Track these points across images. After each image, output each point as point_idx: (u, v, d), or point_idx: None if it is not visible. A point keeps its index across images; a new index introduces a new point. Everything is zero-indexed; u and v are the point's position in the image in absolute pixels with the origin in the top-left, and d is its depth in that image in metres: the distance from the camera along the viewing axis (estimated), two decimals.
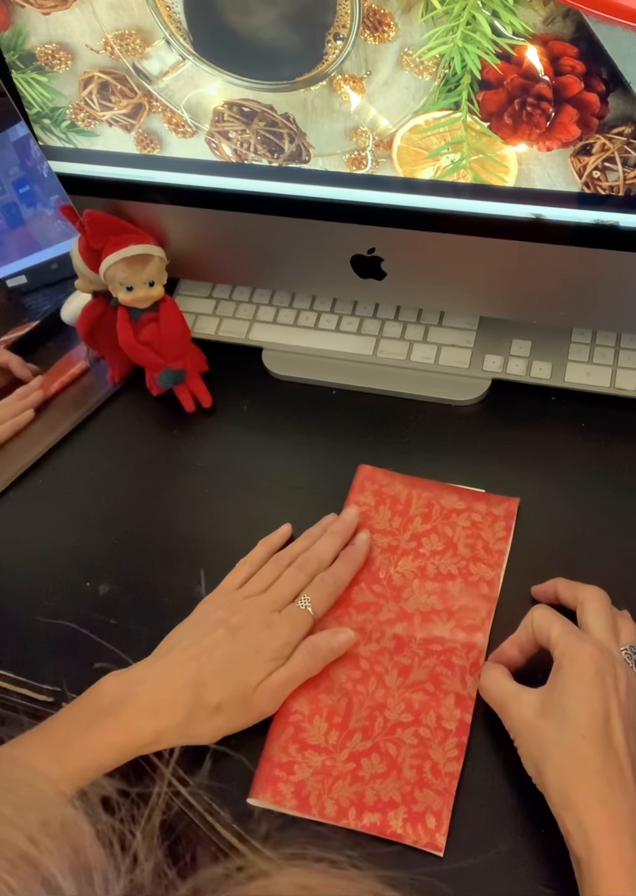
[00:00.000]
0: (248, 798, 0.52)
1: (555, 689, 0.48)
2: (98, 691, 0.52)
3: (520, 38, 0.50)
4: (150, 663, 0.54)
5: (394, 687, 0.55)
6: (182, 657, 0.53)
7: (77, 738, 0.50)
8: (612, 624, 0.52)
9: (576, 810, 0.44)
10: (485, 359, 0.71)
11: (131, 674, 0.53)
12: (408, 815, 0.50)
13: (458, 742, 0.52)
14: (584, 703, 0.47)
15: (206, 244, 0.72)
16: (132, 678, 0.52)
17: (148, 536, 0.66)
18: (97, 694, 0.52)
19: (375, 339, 0.74)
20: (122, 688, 0.52)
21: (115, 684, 0.52)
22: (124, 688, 0.52)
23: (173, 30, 0.57)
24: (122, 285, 0.67)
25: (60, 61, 0.61)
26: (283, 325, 0.76)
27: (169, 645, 0.55)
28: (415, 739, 0.53)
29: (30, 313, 0.83)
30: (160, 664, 0.53)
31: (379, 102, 0.56)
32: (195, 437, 0.72)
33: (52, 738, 0.51)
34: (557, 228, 0.59)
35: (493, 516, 0.62)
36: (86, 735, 0.50)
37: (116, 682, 0.52)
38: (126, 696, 0.51)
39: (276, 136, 0.61)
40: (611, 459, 0.65)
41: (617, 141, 0.53)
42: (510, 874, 0.48)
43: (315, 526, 0.62)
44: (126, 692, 0.51)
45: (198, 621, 0.56)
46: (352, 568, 0.59)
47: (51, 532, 0.68)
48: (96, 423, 0.74)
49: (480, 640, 0.56)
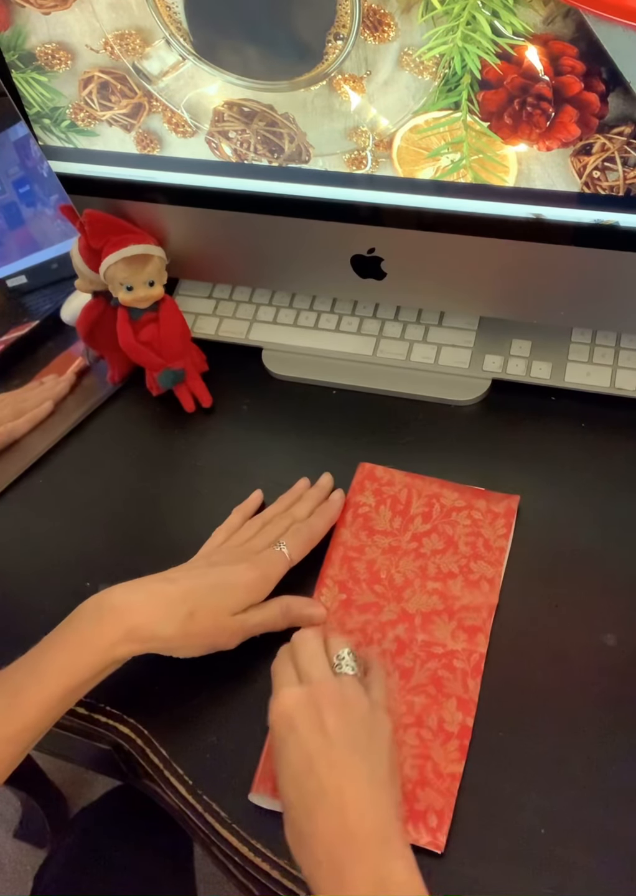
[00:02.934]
0: (248, 794, 0.52)
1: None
2: (79, 607, 0.53)
3: (520, 37, 0.50)
4: (136, 580, 0.55)
5: (396, 690, 0.55)
6: (160, 576, 0.55)
7: (52, 644, 0.51)
8: (314, 650, 0.52)
9: (305, 867, 0.44)
10: (485, 359, 0.71)
11: (111, 588, 0.54)
12: (409, 814, 0.50)
13: (460, 744, 0.52)
14: (285, 767, 0.47)
15: (206, 244, 0.72)
16: (110, 589, 0.53)
17: (148, 536, 0.66)
18: (77, 609, 0.53)
19: (375, 339, 0.74)
20: (97, 597, 0.53)
21: (93, 597, 0.53)
22: (100, 596, 0.53)
23: (173, 30, 0.57)
24: (122, 285, 0.67)
25: (60, 61, 0.61)
26: (283, 325, 0.76)
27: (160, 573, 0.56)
28: (416, 740, 0.53)
29: (30, 313, 0.83)
30: (138, 580, 0.55)
31: (379, 102, 0.56)
32: (195, 437, 0.72)
33: (29, 656, 0.51)
34: (557, 228, 0.59)
35: (494, 513, 0.62)
36: (59, 638, 0.51)
37: (95, 596, 0.53)
38: (102, 600, 0.52)
39: (275, 135, 0.61)
40: (611, 459, 0.65)
41: (617, 141, 0.53)
42: (510, 874, 0.48)
43: (288, 492, 0.65)
44: (102, 598, 0.52)
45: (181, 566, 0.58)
46: (327, 520, 0.62)
47: (51, 532, 0.68)
48: (96, 423, 0.74)
49: (482, 643, 0.56)
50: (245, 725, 0.55)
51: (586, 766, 0.51)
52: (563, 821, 0.50)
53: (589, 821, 0.50)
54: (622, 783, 0.51)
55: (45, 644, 0.51)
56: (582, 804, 0.50)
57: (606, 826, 0.49)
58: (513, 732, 0.53)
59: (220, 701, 0.56)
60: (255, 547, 0.59)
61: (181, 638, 0.52)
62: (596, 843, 0.49)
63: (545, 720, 0.53)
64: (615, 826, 0.49)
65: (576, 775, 0.51)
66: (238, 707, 0.56)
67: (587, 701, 0.54)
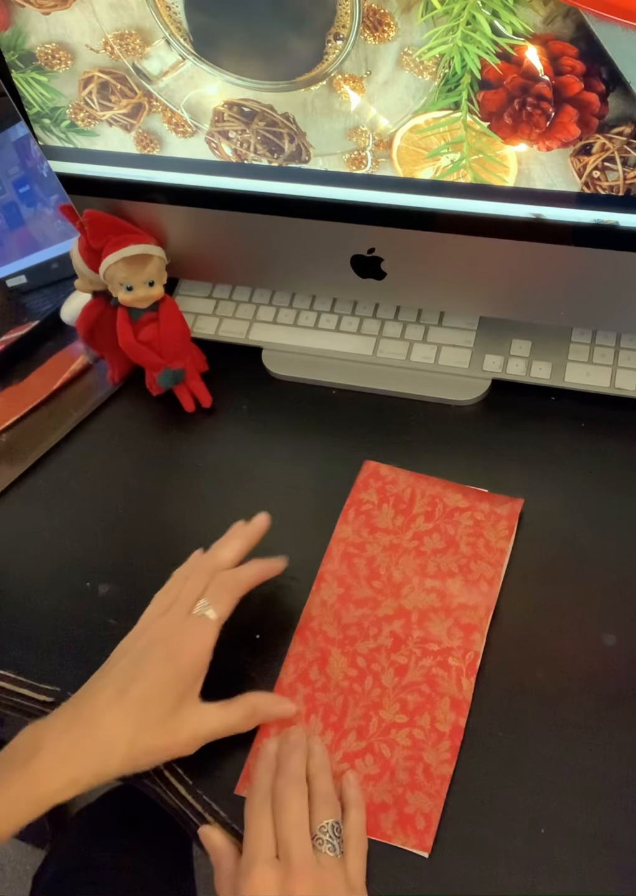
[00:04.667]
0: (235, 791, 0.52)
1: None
2: (13, 744, 0.50)
3: (520, 37, 0.50)
4: (62, 711, 0.52)
5: (390, 687, 0.55)
6: (93, 700, 0.51)
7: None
8: (297, 817, 0.48)
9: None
10: (485, 359, 0.71)
11: (45, 722, 0.51)
12: (398, 818, 0.50)
13: (452, 745, 0.52)
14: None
15: (206, 244, 0.72)
16: (45, 726, 0.50)
17: (148, 536, 0.66)
18: (11, 746, 0.50)
19: (375, 339, 0.74)
20: (33, 737, 0.50)
21: (28, 735, 0.50)
22: (35, 737, 0.50)
23: (173, 30, 0.57)
24: (121, 285, 0.67)
25: (60, 61, 0.61)
26: (283, 325, 0.76)
27: (83, 691, 0.53)
28: (408, 741, 0.53)
29: (30, 313, 0.83)
30: (72, 711, 0.51)
31: (379, 102, 0.56)
32: (195, 437, 0.72)
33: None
34: (557, 228, 0.59)
35: (497, 515, 0.62)
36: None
37: (30, 732, 0.50)
38: (36, 743, 0.49)
39: (276, 135, 0.61)
40: (611, 459, 0.65)
41: (617, 141, 0.53)
42: (506, 874, 0.48)
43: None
44: (36, 740, 0.49)
45: (114, 656, 0.54)
46: (256, 568, 0.57)
47: (51, 532, 0.68)
48: (96, 423, 0.74)
49: (478, 641, 0.56)
50: None
51: (583, 766, 0.51)
52: (560, 821, 0.50)
53: (585, 821, 0.50)
54: (619, 783, 0.51)
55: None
56: (578, 804, 0.50)
57: (603, 826, 0.49)
58: (512, 732, 0.53)
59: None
60: (180, 611, 0.54)
61: (130, 768, 0.50)
62: (592, 843, 0.49)
63: (544, 720, 0.53)
64: (612, 826, 0.49)
65: (573, 775, 0.51)
66: None
67: (586, 701, 0.54)
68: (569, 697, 0.54)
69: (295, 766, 0.50)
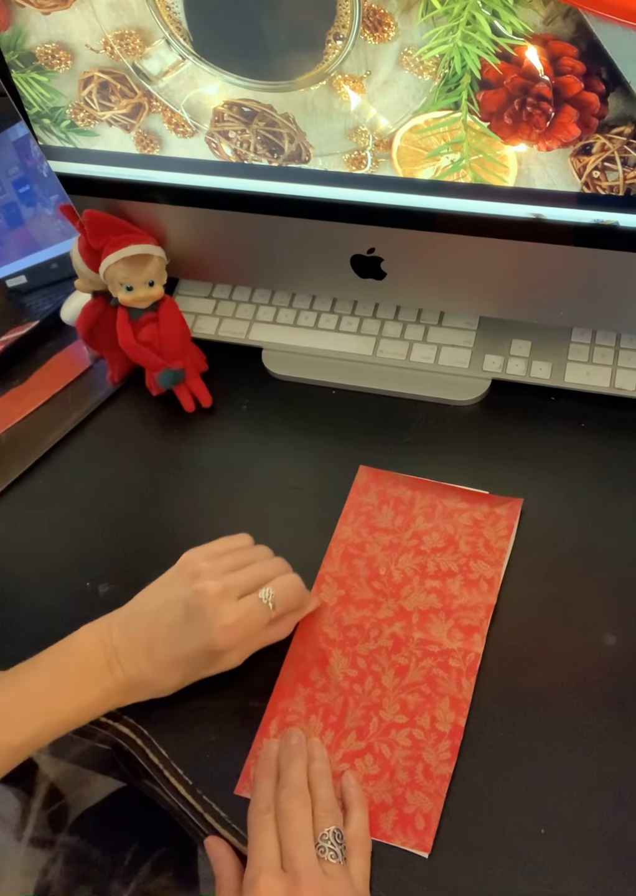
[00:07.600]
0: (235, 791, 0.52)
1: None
2: (76, 645, 0.54)
3: (520, 37, 0.50)
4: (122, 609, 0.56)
5: (391, 687, 0.55)
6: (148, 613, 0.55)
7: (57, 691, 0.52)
8: (301, 827, 0.48)
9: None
10: (485, 359, 0.71)
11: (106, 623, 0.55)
12: (398, 818, 0.50)
13: (451, 745, 0.52)
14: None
15: (206, 244, 0.72)
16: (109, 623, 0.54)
17: (148, 536, 0.66)
18: (76, 649, 0.54)
19: (375, 339, 0.74)
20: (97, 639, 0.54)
21: (91, 635, 0.54)
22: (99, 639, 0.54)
23: (173, 30, 0.57)
24: (121, 285, 0.67)
25: (60, 61, 0.61)
26: (283, 325, 0.76)
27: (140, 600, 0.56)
28: (408, 741, 0.53)
29: (30, 313, 0.83)
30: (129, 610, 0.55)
31: (379, 102, 0.56)
32: (195, 437, 0.72)
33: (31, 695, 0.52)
34: (557, 228, 0.59)
35: (496, 515, 0.62)
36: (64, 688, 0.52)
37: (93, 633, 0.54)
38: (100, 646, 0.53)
39: (275, 135, 0.61)
40: (611, 459, 0.65)
41: (617, 141, 0.53)
42: (506, 874, 0.48)
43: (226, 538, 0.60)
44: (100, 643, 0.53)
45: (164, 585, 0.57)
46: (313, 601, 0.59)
47: (51, 532, 0.68)
48: (96, 423, 0.74)
49: (478, 643, 0.56)
50: (245, 725, 0.55)
51: (583, 766, 0.51)
52: (560, 821, 0.50)
53: (585, 821, 0.50)
54: (619, 783, 0.51)
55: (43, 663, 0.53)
56: (578, 804, 0.50)
57: (603, 826, 0.49)
58: (512, 732, 0.53)
59: (220, 701, 0.56)
60: (243, 586, 0.55)
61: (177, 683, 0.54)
62: (592, 843, 0.49)
63: (543, 720, 0.53)
64: (613, 826, 0.49)
65: (573, 775, 0.51)
66: (238, 707, 0.56)
67: (586, 701, 0.54)
68: (569, 697, 0.54)
69: (297, 777, 0.50)
